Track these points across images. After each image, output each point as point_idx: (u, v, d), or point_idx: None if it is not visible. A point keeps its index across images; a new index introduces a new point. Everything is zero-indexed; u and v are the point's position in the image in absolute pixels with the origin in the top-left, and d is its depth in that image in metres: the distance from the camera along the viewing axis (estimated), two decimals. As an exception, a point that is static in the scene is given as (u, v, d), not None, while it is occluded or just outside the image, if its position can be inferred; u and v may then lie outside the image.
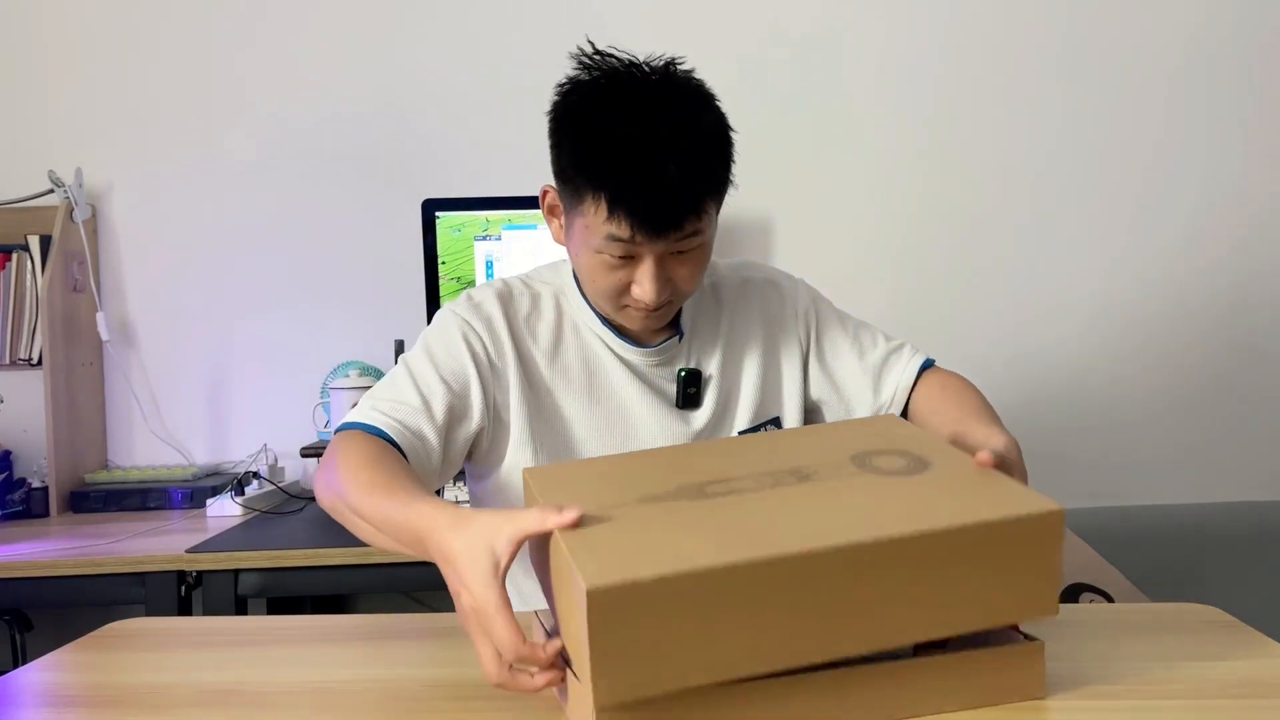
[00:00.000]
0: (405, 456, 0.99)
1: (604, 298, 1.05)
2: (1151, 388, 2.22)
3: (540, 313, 1.13)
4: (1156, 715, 0.76)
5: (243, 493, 1.97)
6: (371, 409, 1.02)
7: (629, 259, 1.00)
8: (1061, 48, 2.19)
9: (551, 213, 1.09)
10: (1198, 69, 2.19)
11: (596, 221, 0.98)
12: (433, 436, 1.03)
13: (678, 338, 1.14)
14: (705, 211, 1.00)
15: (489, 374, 1.07)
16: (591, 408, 1.11)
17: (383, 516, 0.88)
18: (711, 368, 1.15)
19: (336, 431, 1.02)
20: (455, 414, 1.05)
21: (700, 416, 1.13)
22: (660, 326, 1.10)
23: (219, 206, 2.23)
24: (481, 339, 1.08)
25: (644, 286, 1.01)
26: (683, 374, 1.13)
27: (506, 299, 1.12)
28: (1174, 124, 2.20)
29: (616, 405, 1.12)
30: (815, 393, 1.20)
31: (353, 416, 1.03)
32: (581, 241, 1.02)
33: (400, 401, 1.03)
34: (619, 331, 1.12)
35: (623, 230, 0.97)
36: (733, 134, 1.01)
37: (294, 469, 2.21)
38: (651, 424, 1.11)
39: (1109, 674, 0.83)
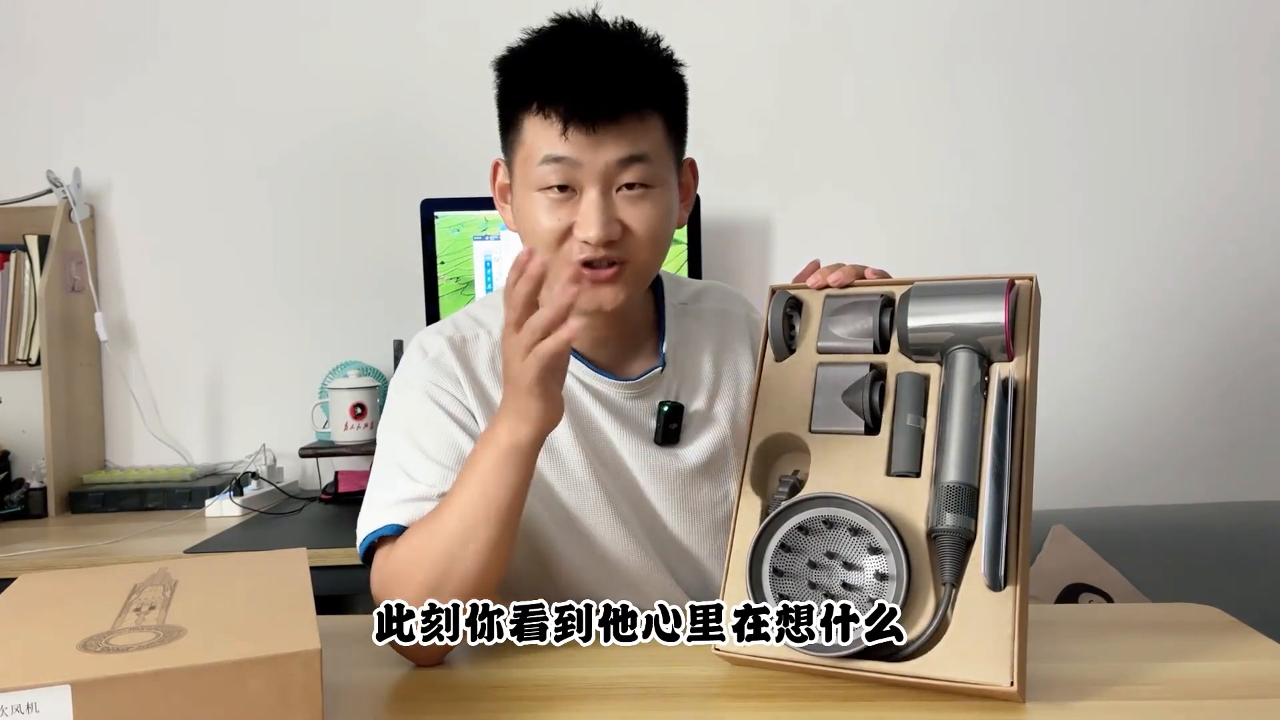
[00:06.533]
0: None
1: (548, 252, 0.95)
2: (1152, 388, 2.22)
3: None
4: (1156, 715, 0.76)
5: (241, 493, 1.97)
6: (386, 510, 0.94)
7: (569, 190, 0.93)
8: (1065, 47, 2.19)
9: (503, 196, 1.05)
10: (1210, 64, 2.19)
11: (533, 139, 0.93)
12: None
13: (659, 368, 1.06)
14: (648, 122, 0.94)
15: (472, 426, 1.00)
16: (576, 448, 1.03)
17: (470, 496, 0.86)
18: (698, 402, 1.07)
19: (365, 544, 0.95)
20: None
21: (693, 453, 1.06)
22: (612, 294, 0.96)
23: (218, 206, 2.23)
24: (450, 394, 1.01)
25: (586, 218, 0.92)
26: (664, 408, 1.05)
27: (461, 347, 1.04)
28: (1181, 124, 2.19)
29: (603, 441, 1.05)
30: None
31: (373, 525, 0.94)
32: (524, 188, 0.96)
33: (409, 499, 0.94)
34: (591, 363, 1.05)
35: (555, 130, 0.91)
36: (682, 69, 0.99)
37: (293, 469, 2.21)
38: (635, 462, 1.05)
39: (1108, 674, 0.83)
